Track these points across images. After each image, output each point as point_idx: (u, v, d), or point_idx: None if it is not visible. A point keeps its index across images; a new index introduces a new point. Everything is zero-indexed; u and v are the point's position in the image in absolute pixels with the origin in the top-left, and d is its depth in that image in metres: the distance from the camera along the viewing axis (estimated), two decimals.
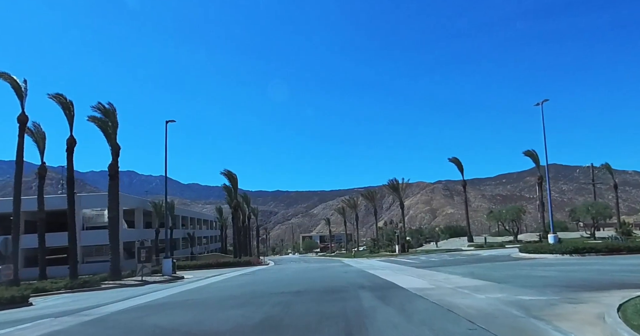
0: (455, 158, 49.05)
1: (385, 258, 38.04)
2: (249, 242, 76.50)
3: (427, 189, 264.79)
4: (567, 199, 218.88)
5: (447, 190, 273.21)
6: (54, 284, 23.20)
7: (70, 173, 25.50)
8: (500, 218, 45.52)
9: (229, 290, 15.41)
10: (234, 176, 44.91)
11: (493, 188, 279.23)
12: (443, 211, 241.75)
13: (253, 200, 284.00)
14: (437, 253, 38.83)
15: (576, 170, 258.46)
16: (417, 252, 41.84)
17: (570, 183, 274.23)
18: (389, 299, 10.02)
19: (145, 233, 44.19)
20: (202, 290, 16.14)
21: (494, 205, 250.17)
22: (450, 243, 49.56)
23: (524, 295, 9.47)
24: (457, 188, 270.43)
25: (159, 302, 12.80)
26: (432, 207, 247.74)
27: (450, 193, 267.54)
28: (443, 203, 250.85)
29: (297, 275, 22.66)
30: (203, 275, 27.68)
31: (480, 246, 41.50)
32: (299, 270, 28.50)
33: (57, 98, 25.87)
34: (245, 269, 33.60)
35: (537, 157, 47.21)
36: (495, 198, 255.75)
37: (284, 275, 23.53)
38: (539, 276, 13.81)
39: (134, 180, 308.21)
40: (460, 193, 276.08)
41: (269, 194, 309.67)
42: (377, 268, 24.35)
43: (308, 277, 19.99)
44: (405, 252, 43.03)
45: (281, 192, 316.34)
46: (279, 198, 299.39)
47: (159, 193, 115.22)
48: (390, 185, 52.42)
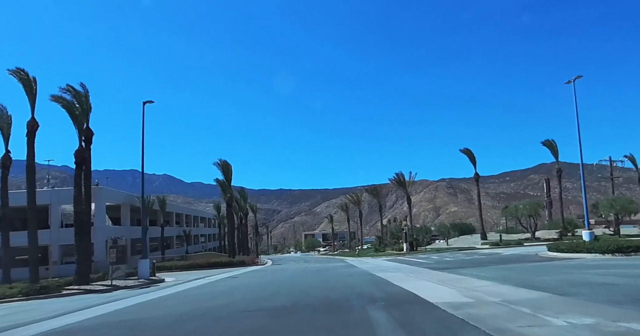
0: (467, 150, 45.03)
1: (393, 258, 34.17)
2: (246, 240, 72.91)
3: (431, 187, 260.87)
4: (571, 197, 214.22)
5: (451, 188, 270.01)
6: (10, 289, 19.59)
7: (30, 161, 21.74)
8: (517, 213, 41.47)
9: (195, 302, 11.57)
10: (229, 166, 40.99)
11: (497, 186, 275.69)
12: (447, 209, 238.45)
13: (256, 198, 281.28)
14: (449, 252, 34.92)
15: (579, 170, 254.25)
16: (427, 251, 37.92)
17: (576, 181, 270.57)
18: (418, 326, 6.19)
19: (132, 230, 40.48)
20: (160, 303, 12.28)
21: (497, 203, 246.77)
22: (461, 241, 45.61)
23: (622, 318, 5.80)
24: (460, 186, 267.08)
25: (87, 324, 8.99)
26: (436, 205, 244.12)
27: (454, 191, 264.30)
28: (447, 201, 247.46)
29: (291, 279, 18.83)
30: (186, 278, 23.89)
31: (495, 244, 37.52)
32: (295, 271, 24.69)
33: (17, 74, 22.12)
34: (237, 270, 29.86)
35: (556, 147, 43.22)
36: (499, 196, 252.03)
37: (276, 278, 19.73)
38: (604, 284, 9.93)
39: (137, 179, 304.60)
40: (464, 191, 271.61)
41: (272, 193, 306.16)
42: (386, 269, 20.50)
43: (303, 283, 16.12)
44: (413, 250, 39.14)
45: (284, 190, 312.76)
46: (283, 196, 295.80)
47: (163, 192, 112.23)
48: (396, 180, 48.48)
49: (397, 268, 21.46)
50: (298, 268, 27.43)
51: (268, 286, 15.78)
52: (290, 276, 20.13)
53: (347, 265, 28.37)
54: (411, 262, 26.14)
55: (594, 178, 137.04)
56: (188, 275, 27.09)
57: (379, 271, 19.57)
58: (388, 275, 16.90)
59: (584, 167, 27.52)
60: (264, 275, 22.39)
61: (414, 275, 16.08)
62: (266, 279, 19.63)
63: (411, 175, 47.89)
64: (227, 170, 40.95)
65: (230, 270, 29.67)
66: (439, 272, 16.68)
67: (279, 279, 19.02)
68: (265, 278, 19.97)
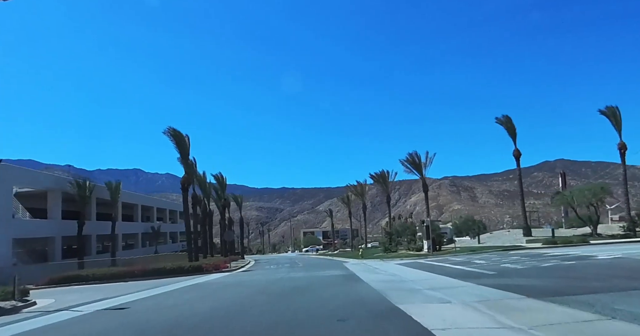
0: (505, 118, 33.46)
1: (411, 260, 23.06)
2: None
3: (434, 185, 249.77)
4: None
5: (454, 186, 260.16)
6: None
7: None
8: (573, 201, 29.93)
9: None
10: (179, 134, 29.52)
11: (500, 184, 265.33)
12: (450, 207, 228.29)
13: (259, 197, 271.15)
14: (492, 253, 23.66)
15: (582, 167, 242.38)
16: (457, 251, 26.56)
17: (579, 179, 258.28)
18: None
19: (64, 226, 29.44)
20: None
21: (501, 201, 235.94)
22: (495, 239, 34.20)
23: None
24: (463, 184, 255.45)
25: None
26: (439, 203, 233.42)
27: (457, 189, 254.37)
28: (450, 199, 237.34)
29: (228, 313, 7.78)
30: (77, 300, 13.08)
31: (552, 242, 26.07)
32: (257, 288, 13.56)
33: None
34: (185, 281, 18.76)
35: (619, 115, 31.76)
36: (503, 194, 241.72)
37: (205, 310, 8.60)
38: None
39: (140, 178, 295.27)
40: (467, 189, 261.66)
41: (275, 191, 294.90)
42: (420, 290, 9.63)
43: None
44: (437, 250, 27.89)
45: (287, 188, 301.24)
46: (285, 195, 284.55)
47: (166, 192, 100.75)
48: (409, 161, 37.09)
49: (438, 284, 10.42)
50: (267, 282, 16.25)
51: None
52: (234, 305, 9.02)
53: (347, 274, 17.20)
54: (449, 270, 15.03)
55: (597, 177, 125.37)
56: (93, 293, 16.16)
57: (408, 296, 8.57)
58: (437, 315, 5.75)
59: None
60: (191, 302, 11.23)
61: (510, 318, 4.87)
62: (184, 313, 8.41)
63: (428, 156, 36.57)
64: (181, 141, 29.72)
65: (175, 282, 18.62)
66: (565, 309, 5.56)
67: (204, 316, 7.85)
68: (183, 312, 8.75)
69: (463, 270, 15.35)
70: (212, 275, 22.66)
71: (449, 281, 11.52)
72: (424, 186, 36.66)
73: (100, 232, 34.82)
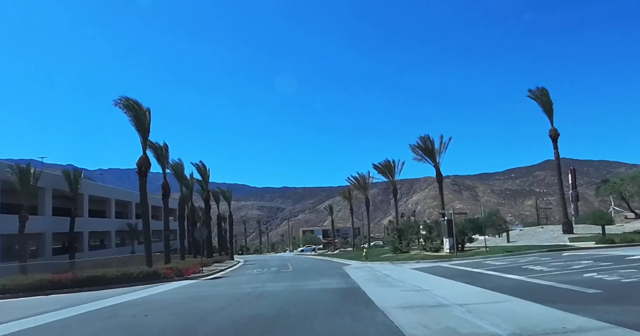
0: (540, 91, 27.41)
1: (431, 263, 17.18)
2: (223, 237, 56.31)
3: (435, 184, 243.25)
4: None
5: (456, 184, 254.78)
6: None
7: None
8: (625, 191, 23.83)
9: None
10: (134, 104, 23.55)
11: (502, 182, 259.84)
12: (452, 206, 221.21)
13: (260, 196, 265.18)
14: (534, 254, 17.68)
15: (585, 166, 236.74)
16: (487, 251, 20.53)
17: (580, 177, 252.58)
18: None
19: None
20: None
21: (503, 200, 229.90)
22: (528, 236, 28.07)
23: None
24: (465, 183, 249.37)
25: None
26: (440, 203, 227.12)
27: (459, 188, 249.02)
28: (451, 198, 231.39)
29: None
30: None
31: (608, 240, 20.09)
32: (187, 320, 7.61)
33: None
34: (119, 295, 12.95)
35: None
36: (505, 193, 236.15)
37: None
38: None
39: None
40: (469, 188, 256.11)
41: (276, 191, 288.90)
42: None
43: None
44: (460, 250, 21.93)
45: (288, 188, 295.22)
46: (286, 194, 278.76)
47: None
48: (421, 147, 31.13)
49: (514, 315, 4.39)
50: (213, 305, 10.35)
51: None
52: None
53: (347, 288, 11.22)
54: (503, 283, 9.07)
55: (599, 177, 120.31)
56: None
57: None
58: None
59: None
60: None
61: None
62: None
63: (442, 140, 30.64)
64: (138, 114, 23.74)
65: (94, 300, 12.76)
66: None
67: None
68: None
69: (527, 282, 9.45)
70: (169, 284, 16.79)
71: (529, 308, 5.65)
72: (437, 175, 30.82)
73: (58, 229, 29.11)
